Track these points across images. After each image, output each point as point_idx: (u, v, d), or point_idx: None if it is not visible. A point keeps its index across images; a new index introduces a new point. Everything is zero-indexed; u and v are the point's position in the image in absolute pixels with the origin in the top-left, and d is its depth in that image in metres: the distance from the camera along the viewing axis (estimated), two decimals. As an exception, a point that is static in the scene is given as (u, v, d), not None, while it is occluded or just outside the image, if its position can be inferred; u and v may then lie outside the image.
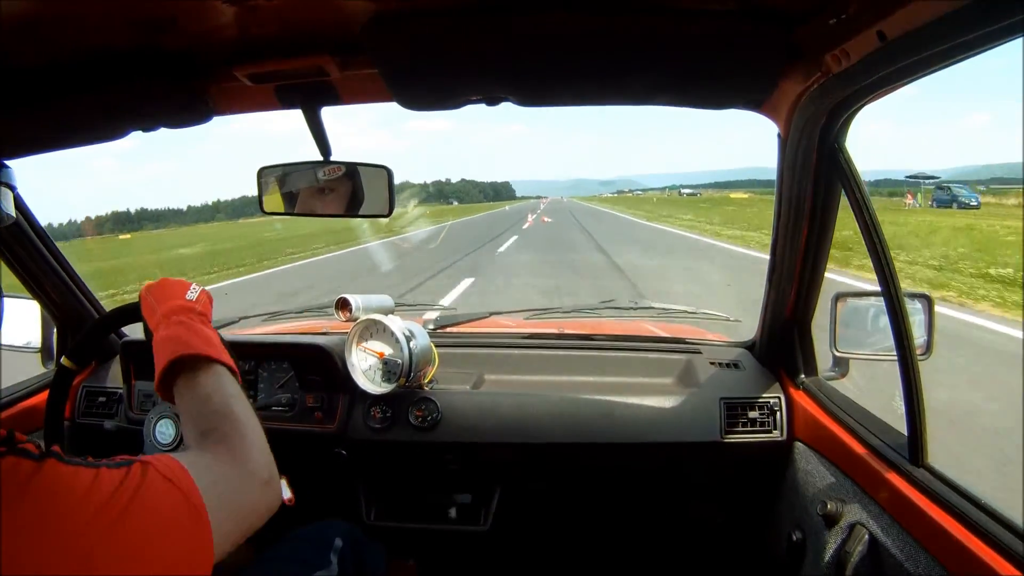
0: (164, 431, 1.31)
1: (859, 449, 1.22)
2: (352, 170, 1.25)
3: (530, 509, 1.78)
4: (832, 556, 1.19)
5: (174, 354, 0.93)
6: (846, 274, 8.62)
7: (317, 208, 1.28)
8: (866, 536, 1.10)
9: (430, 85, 1.12)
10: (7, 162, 1.26)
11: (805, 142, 1.17)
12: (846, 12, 0.85)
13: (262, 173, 1.29)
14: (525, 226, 28.82)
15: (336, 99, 1.23)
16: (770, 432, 1.53)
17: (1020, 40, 0.71)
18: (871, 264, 1.10)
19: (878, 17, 0.80)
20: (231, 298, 9.60)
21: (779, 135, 1.24)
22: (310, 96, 1.20)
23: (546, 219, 34.11)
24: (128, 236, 77.42)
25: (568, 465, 1.66)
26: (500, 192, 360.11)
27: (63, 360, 1.26)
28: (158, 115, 1.22)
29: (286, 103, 1.22)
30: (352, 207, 1.27)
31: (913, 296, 1.25)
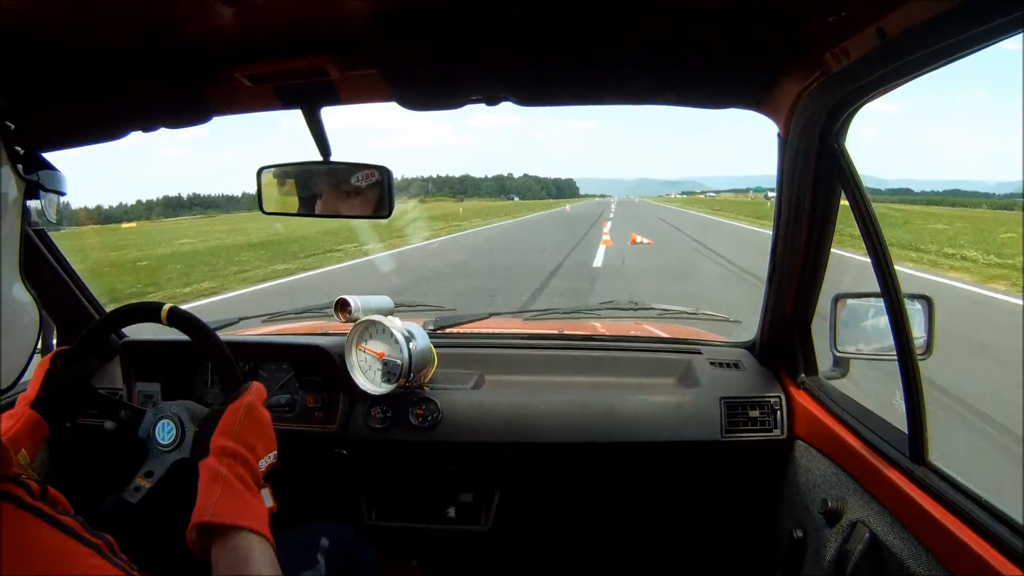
0: (165, 431, 1.30)
1: (860, 447, 1.22)
2: (352, 171, 1.25)
3: (530, 509, 1.78)
4: (833, 554, 1.19)
5: (242, 520, 0.88)
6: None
7: (317, 209, 1.28)
8: (867, 534, 1.10)
9: (430, 85, 1.13)
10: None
11: (805, 141, 1.17)
12: (845, 9, 0.85)
13: (262, 173, 1.29)
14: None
15: (336, 99, 1.23)
16: (771, 431, 1.53)
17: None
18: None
19: (877, 14, 0.80)
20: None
21: (779, 135, 1.24)
22: (310, 96, 1.20)
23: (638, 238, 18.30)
24: (133, 225, 69.69)
25: (568, 465, 1.66)
26: (563, 189, 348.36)
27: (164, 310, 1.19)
28: (158, 115, 1.22)
29: (286, 103, 1.22)
30: (352, 208, 1.27)
31: (913, 297, 1.25)
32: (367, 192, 1.26)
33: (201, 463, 0.96)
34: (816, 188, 1.25)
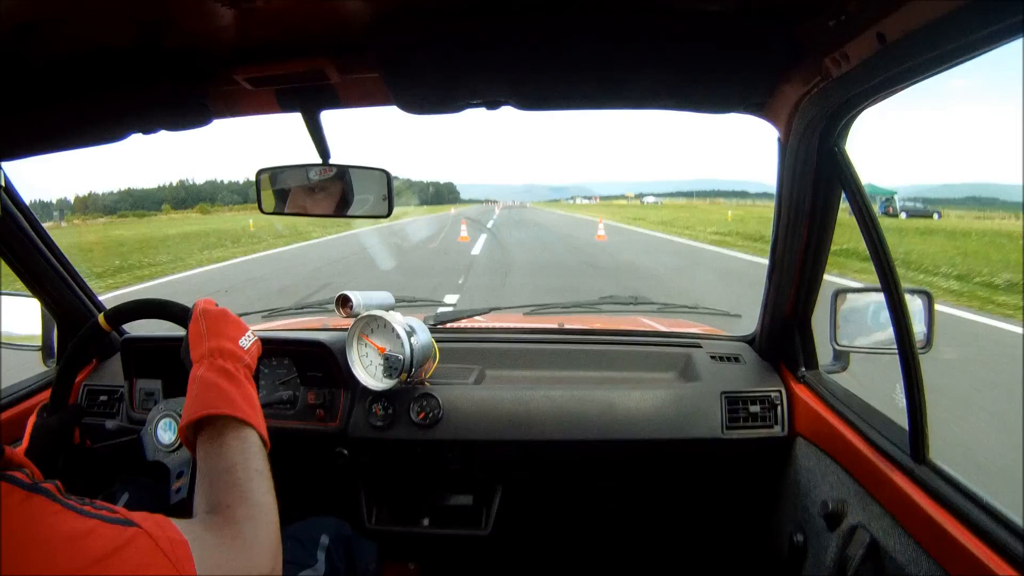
0: (166, 431, 1.31)
1: (860, 445, 1.22)
2: (351, 172, 1.26)
3: (531, 510, 1.79)
4: (833, 559, 1.19)
5: (213, 408, 0.89)
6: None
7: (315, 209, 1.29)
8: (868, 539, 1.11)
9: (430, 88, 1.12)
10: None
11: (805, 146, 1.17)
12: (845, 13, 0.85)
13: (261, 174, 1.29)
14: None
15: (336, 102, 1.23)
16: (771, 427, 1.54)
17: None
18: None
19: (877, 18, 0.80)
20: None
21: (779, 140, 1.23)
22: (310, 99, 1.20)
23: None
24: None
25: (569, 459, 1.67)
26: (442, 194, 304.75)
27: (99, 317, 1.21)
28: (158, 118, 1.22)
29: (286, 107, 1.22)
30: (352, 209, 1.28)
31: (913, 292, 1.26)
32: (366, 194, 1.26)
33: (194, 368, 0.97)
34: (816, 189, 1.25)
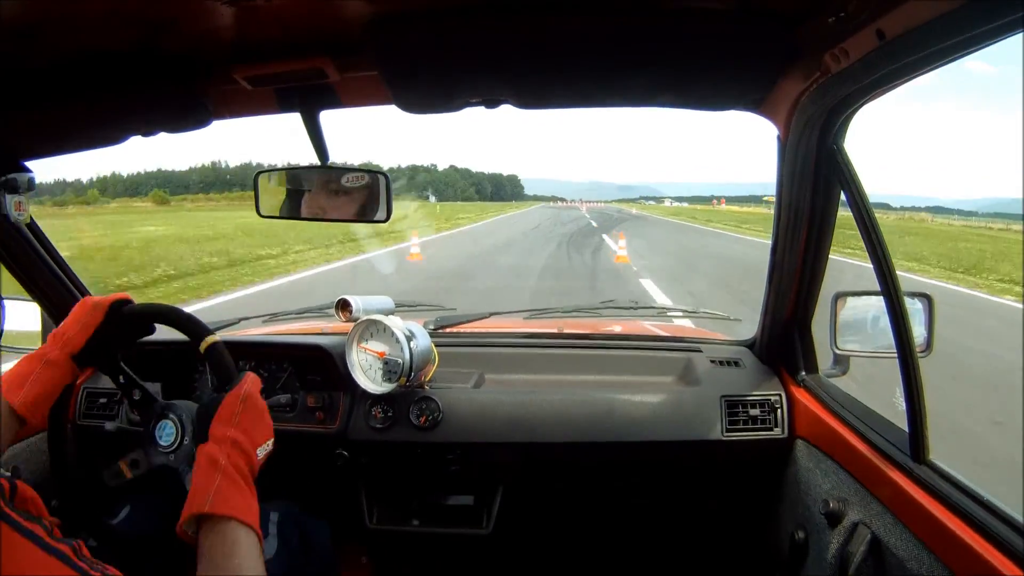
0: (166, 432, 1.30)
1: (860, 446, 1.22)
2: (350, 174, 1.26)
3: (531, 510, 1.78)
4: (835, 556, 1.19)
5: (234, 510, 0.88)
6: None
7: (314, 212, 1.29)
8: (869, 536, 1.10)
9: (430, 87, 1.12)
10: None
11: (804, 143, 1.17)
12: (845, 10, 0.85)
13: (259, 177, 1.29)
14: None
15: (336, 102, 1.23)
16: (771, 429, 1.53)
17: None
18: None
19: (877, 15, 0.80)
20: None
21: (778, 137, 1.24)
22: (309, 99, 1.20)
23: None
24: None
25: (569, 463, 1.66)
26: (504, 188, 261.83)
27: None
28: (158, 119, 1.22)
29: (285, 106, 1.22)
30: (349, 212, 1.27)
31: (913, 295, 1.26)
32: (365, 196, 1.26)
33: (200, 448, 0.95)
34: (816, 188, 1.25)
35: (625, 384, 1.69)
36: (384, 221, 1.28)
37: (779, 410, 1.54)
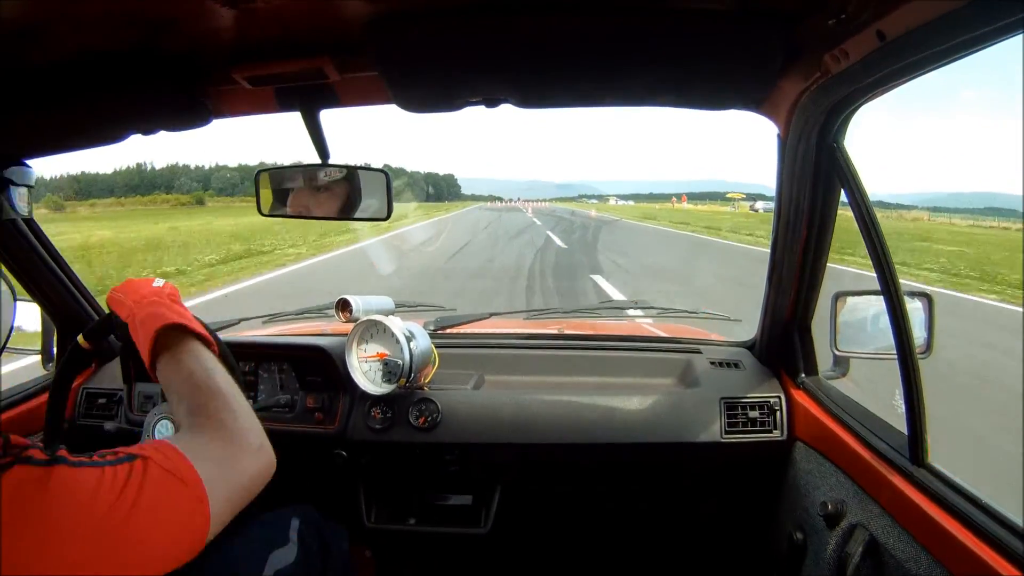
0: (163, 432, 1.31)
1: (859, 448, 1.22)
2: (350, 173, 1.26)
3: (530, 510, 1.78)
4: (833, 557, 1.19)
5: (154, 328, 0.97)
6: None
7: (316, 211, 1.29)
8: (867, 537, 1.10)
9: (429, 87, 1.12)
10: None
11: (805, 142, 1.17)
12: (845, 12, 0.85)
13: (260, 176, 1.29)
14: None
15: (335, 101, 1.23)
16: (770, 432, 1.53)
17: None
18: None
19: (877, 16, 0.80)
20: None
21: (779, 136, 1.24)
22: (309, 98, 1.20)
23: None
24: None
25: (568, 465, 1.66)
26: (440, 188, 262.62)
27: (79, 339, 1.28)
28: (158, 118, 1.22)
29: (285, 106, 1.22)
30: (350, 210, 1.27)
31: (913, 295, 1.25)
32: (366, 195, 1.26)
33: (131, 324, 1.05)
34: (816, 188, 1.25)
35: (625, 386, 1.69)
36: (385, 219, 1.28)
37: (778, 412, 1.54)
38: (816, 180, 1.24)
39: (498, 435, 1.57)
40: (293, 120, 1.23)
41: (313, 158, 1.26)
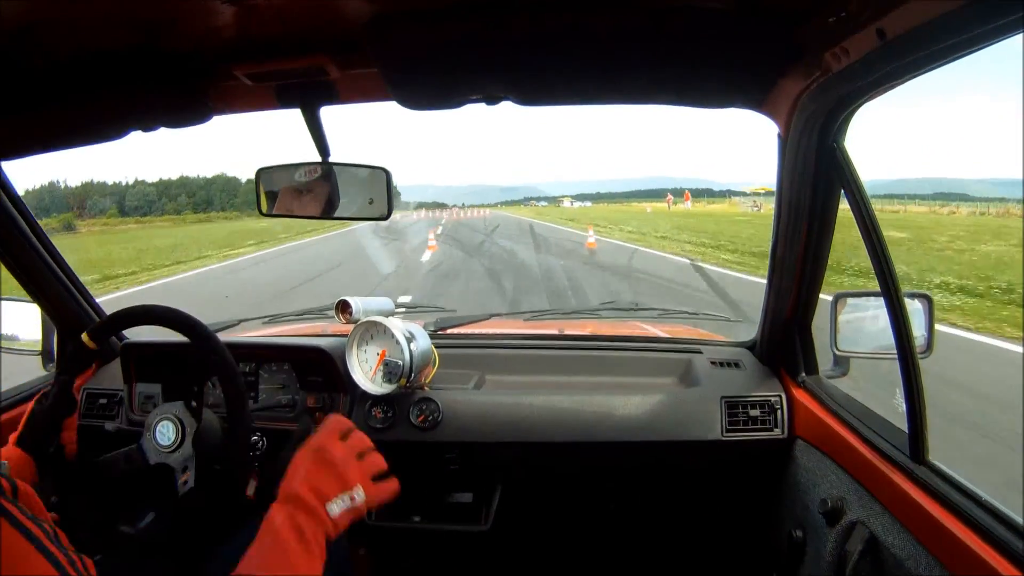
0: (164, 432, 1.31)
1: (860, 446, 1.22)
2: (351, 172, 1.26)
3: (531, 509, 1.78)
4: (832, 555, 1.19)
5: (266, 570, 0.84)
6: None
7: (316, 210, 1.28)
8: (867, 535, 1.10)
9: (430, 84, 1.12)
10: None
11: (805, 141, 1.17)
12: (846, 10, 0.85)
13: (260, 175, 1.29)
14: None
15: (336, 98, 1.23)
16: (771, 430, 1.54)
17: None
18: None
19: (878, 15, 0.80)
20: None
21: (779, 135, 1.24)
22: (309, 95, 1.20)
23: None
24: None
25: (569, 464, 1.66)
26: None
27: (84, 337, 1.27)
28: (158, 115, 1.22)
29: (285, 103, 1.22)
30: (351, 209, 1.27)
31: (913, 296, 1.26)
32: (366, 194, 1.26)
33: (276, 506, 0.91)
34: (816, 187, 1.25)
35: (625, 385, 1.69)
36: (385, 218, 1.27)
37: (779, 411, 1.54)
38: (816, 179, 1.24)
39: (499, 434, 1.57)
40: (220, 127, 1.20)
41: (311, 156, 1.26)
